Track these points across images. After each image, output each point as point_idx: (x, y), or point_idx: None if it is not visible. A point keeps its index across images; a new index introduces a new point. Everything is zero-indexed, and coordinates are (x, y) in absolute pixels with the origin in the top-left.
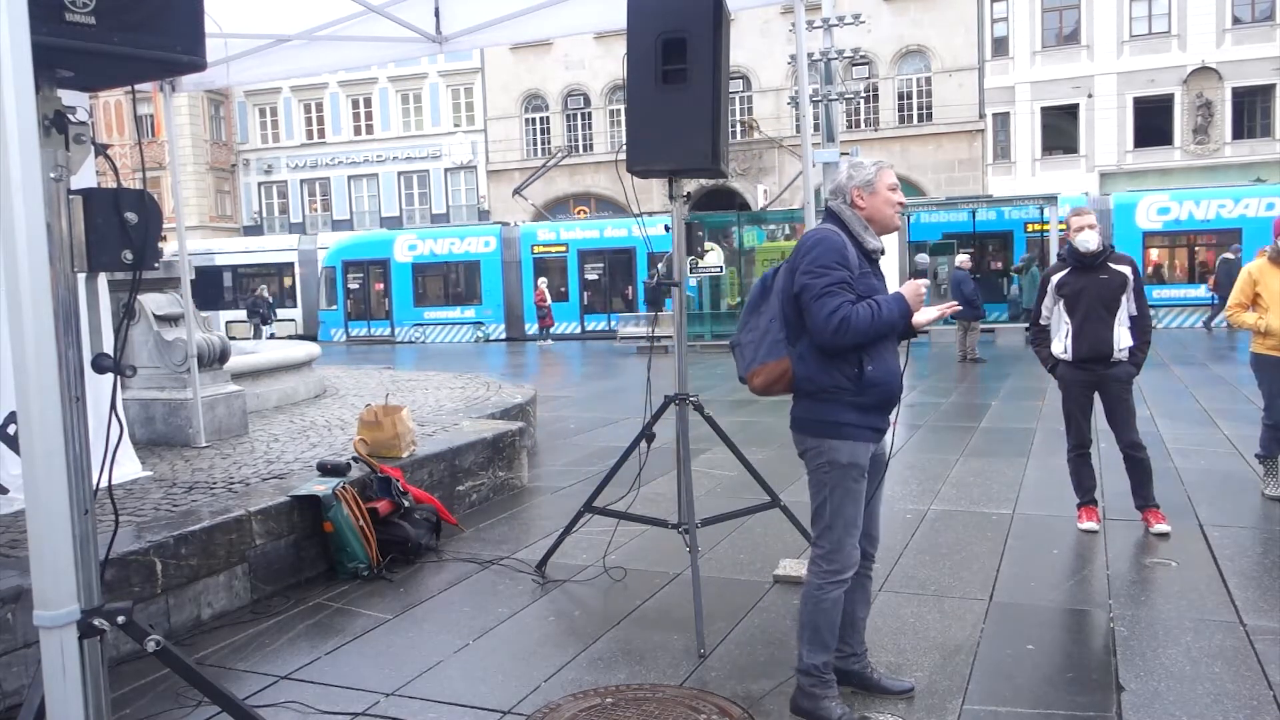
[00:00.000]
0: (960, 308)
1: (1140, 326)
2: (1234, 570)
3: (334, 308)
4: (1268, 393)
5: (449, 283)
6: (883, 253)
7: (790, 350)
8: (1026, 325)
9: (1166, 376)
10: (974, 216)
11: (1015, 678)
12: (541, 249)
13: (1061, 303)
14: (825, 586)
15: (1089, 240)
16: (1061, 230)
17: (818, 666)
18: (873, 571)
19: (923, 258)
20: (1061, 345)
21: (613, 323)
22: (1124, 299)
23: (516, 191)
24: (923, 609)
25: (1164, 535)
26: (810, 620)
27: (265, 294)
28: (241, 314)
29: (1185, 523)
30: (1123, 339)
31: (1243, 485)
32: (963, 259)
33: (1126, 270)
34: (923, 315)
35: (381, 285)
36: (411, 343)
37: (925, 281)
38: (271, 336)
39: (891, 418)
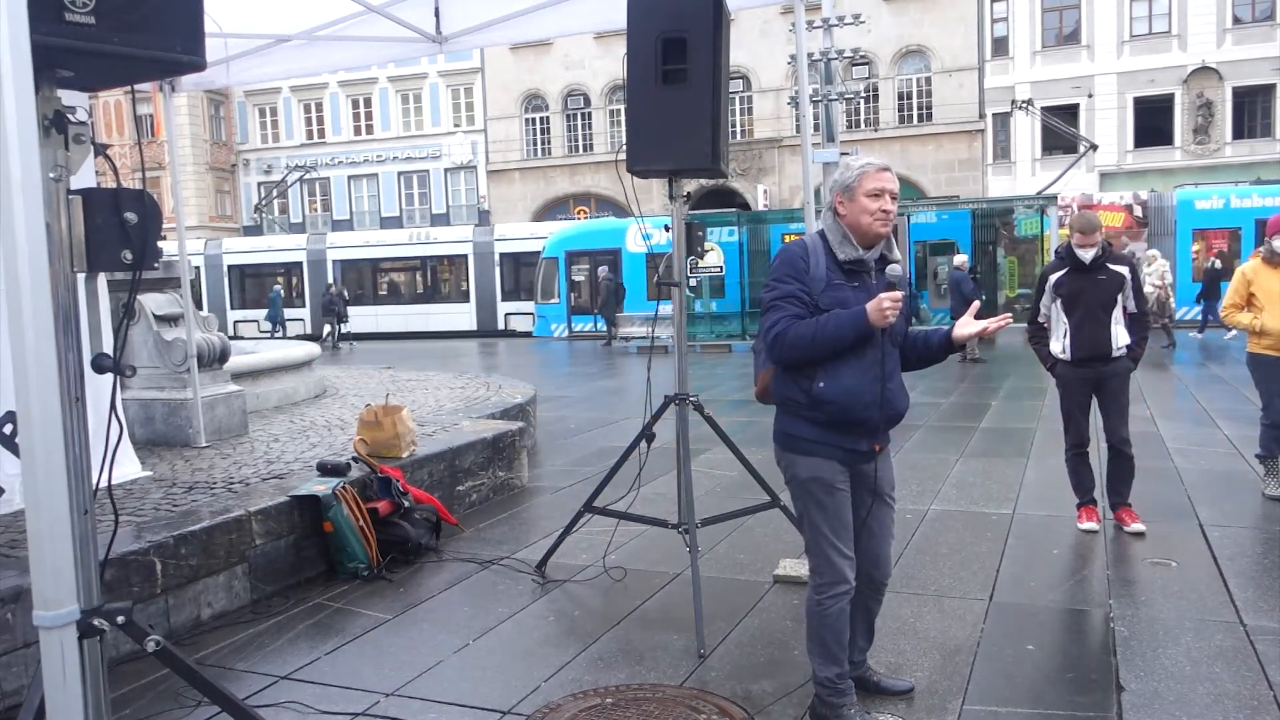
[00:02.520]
0: (1011, 320)
1: (1139, 323)
2: (1234, 570)
3: (555, 301)
4: (1265, 392)
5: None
6: (871, 261)
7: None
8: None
9: (1166, 376)
10: None
11: (1015, 678)
12: (793, 237)
13: (1059, 302)
14: (824, 601)
15: (1088, 256)
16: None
17: (830, 679)
18: (881, 598)
19: (894, 269)
20: (1060, 345)
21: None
22: (1120, 298)
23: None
24: (923, 609)
25: (1139, 534)
26: (816, 634)
27: (341, 291)
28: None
29: (1185, 523)
30: (1120, 337)
31: (1243, 485)
32: (960, 259)
33: (1124, 271)
34: (963, 329)
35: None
36: (644, 338)
37: (897, 295)
38: (345, 336)
39: (875, 443)
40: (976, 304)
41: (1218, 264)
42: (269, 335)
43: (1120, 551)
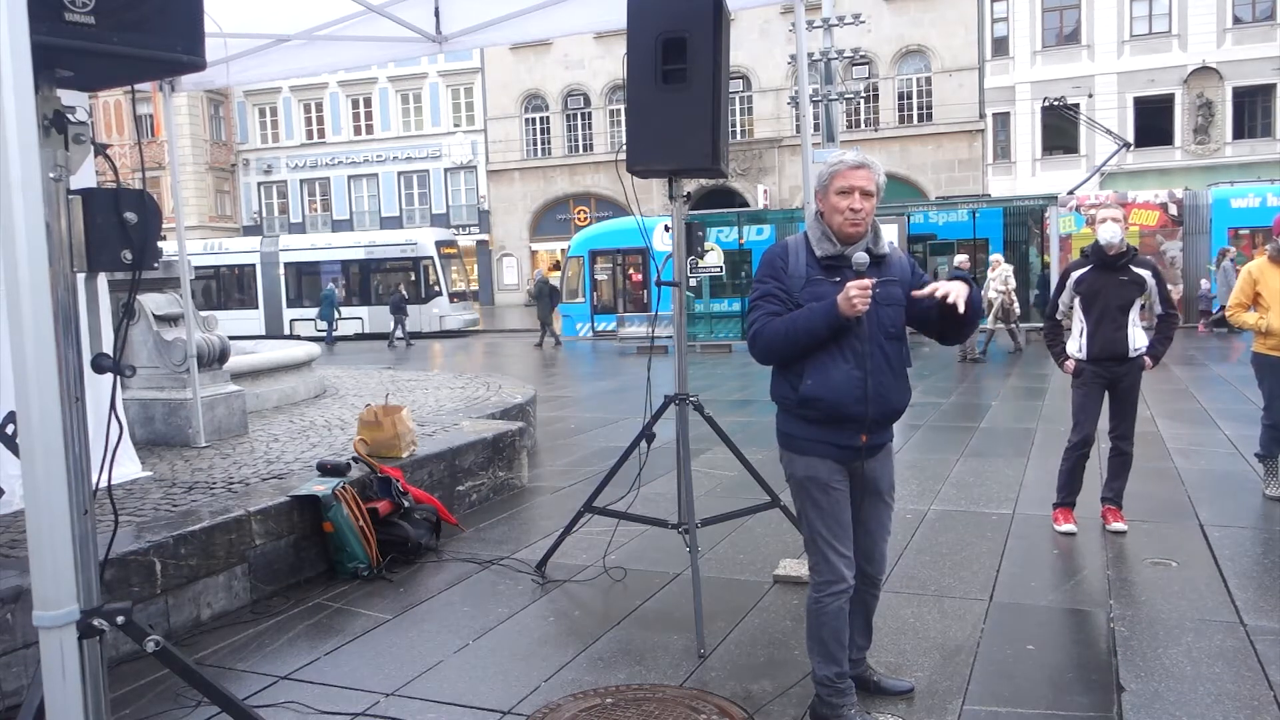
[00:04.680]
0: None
1: (1165, 324)
2: (1234, 570)
3: (580, 300)
4: (1268, 393)
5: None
6: (855, 255)
7: None
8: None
9: (1166, 376)
10: None
11: (1015, 678)
12: None
13: (1078, 300)
14: (821, 599)
15: (1108, 232)
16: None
17: (830, 678)
18: (877, 594)
19: (860, 258)
20: (1076, 344)
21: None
22: (1138, 302)
23: None
24: (923, 609)
25: (1120, 533)
26: (815, 633)
27: (404, 290)
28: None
29: (1185, 523)
30: (1137, 339)
31: (1243, 485)
32: (961, 259)
33: (1147, 274)
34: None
35: (640, 276)
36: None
37: (865, 283)
38: (404, 337)
39: (863, 434)
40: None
41: None
42: (325, 335)
43: (1120, 551)
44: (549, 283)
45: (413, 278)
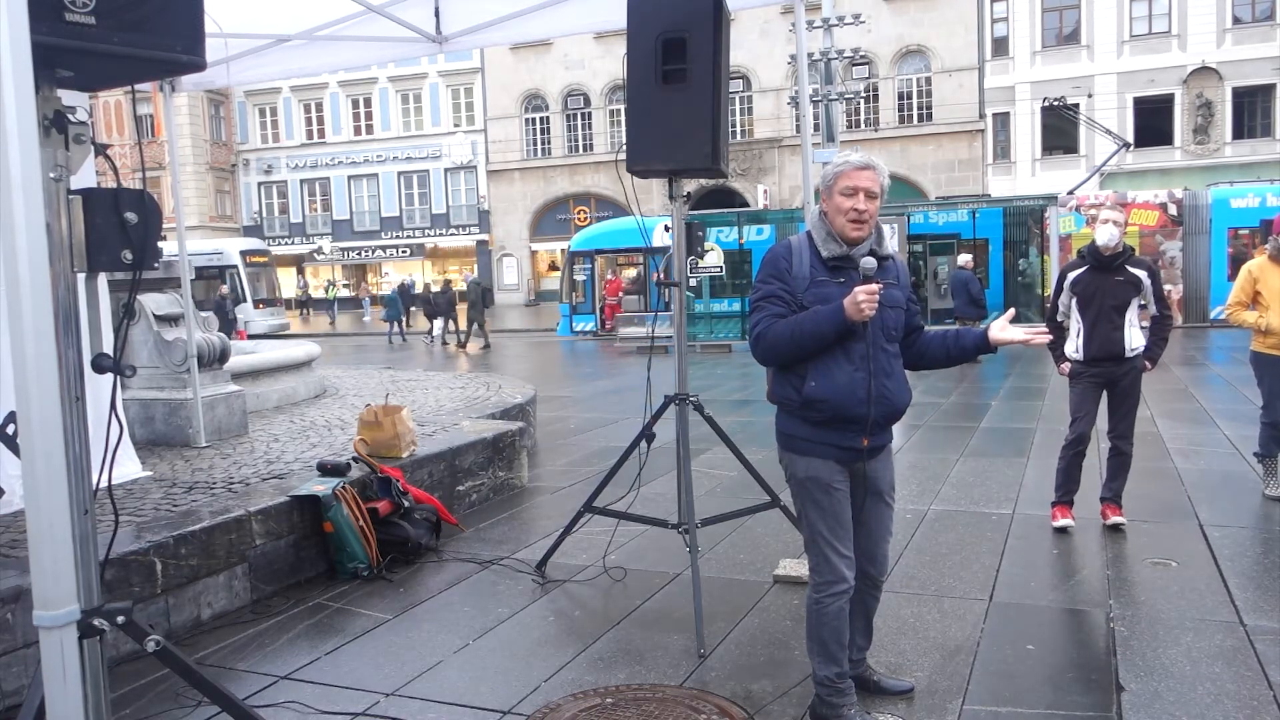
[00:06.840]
0: (1051, 336)
1: (1160, 326)
2: (1234, 570)
3: (582, 300)
4: (1267, 391)
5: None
6: (858, 257)
7: None
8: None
9: (1166, 376)
10: None
11: (1015, 678)
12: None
13: (1075, 301)
14: (822, 600)
15: (1105, 234)
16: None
17: (830, 678)
18: (878, 595)
19: (868, 262)
20: (1073, 345)
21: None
22: (1135, 301)
23: None
24: (923, 609)
25: (1118, 526)
26: (815, 633)
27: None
28: None
29: (1185, 523)
30: (1134, 339)
31: (1243, 485)
32: (965, 259)
33: (1143, 274)
34: (1001, 334)
35: (632, 277)
36: (671, 339)
37: (873, 287)
38: (456, 333)
39: (864, 438)
40: (1013, 311)
41: None
42: (389, 335)
43: (1120, 551)
44: (480, 284)
45: (225, 285)
